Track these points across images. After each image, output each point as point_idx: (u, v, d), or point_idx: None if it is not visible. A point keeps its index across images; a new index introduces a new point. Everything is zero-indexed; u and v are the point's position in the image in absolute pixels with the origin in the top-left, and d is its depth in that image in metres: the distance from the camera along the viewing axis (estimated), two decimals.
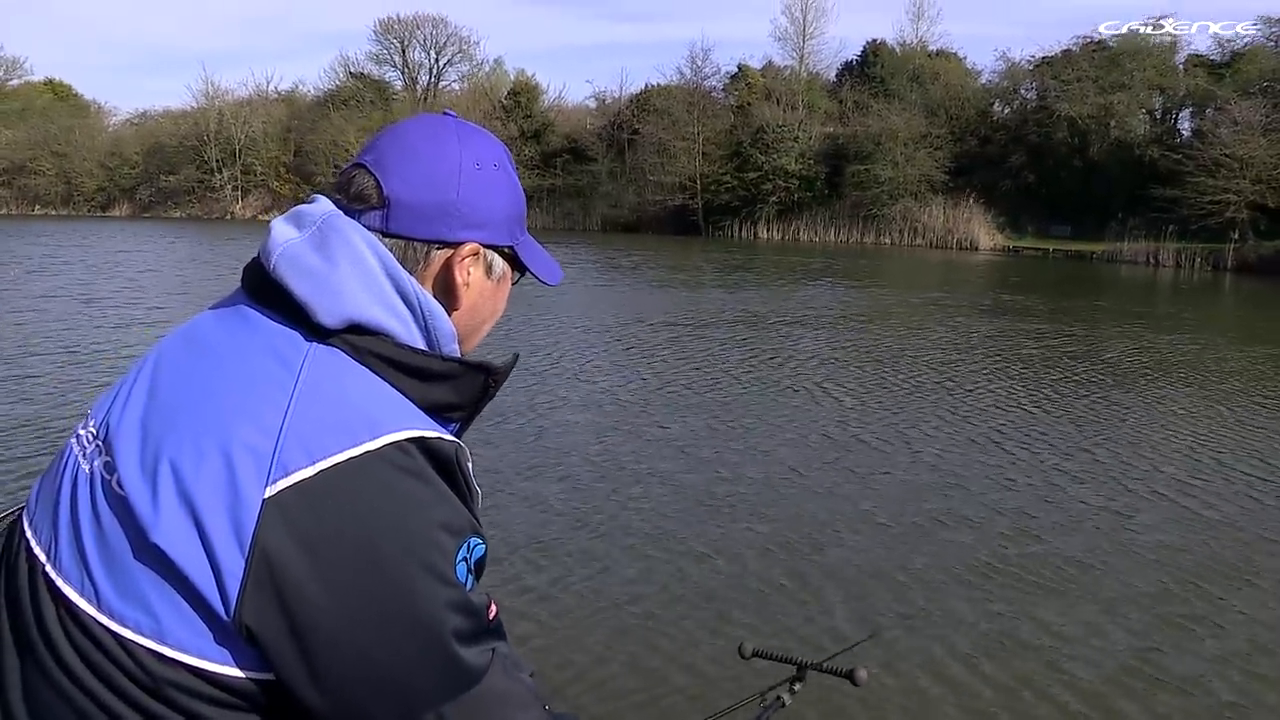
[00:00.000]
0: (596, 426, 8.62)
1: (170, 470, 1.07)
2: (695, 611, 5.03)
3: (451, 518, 1.11)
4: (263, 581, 1.02)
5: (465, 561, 1.12)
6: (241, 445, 1.06)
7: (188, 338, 1.25)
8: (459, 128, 1.30)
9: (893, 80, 51.78)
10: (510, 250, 1.35)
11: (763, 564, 5.64)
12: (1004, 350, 13.83)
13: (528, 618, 4.87)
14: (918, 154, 47.59)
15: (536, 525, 6.14)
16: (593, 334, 14.56)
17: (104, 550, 1.08)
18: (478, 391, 1.28)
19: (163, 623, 1.04)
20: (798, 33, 57.53)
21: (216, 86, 72.18)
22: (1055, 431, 8.83)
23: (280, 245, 1.20)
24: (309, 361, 1.13)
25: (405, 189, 1.22)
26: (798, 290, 22.66)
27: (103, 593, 1.07)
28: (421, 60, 73.37)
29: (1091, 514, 6.62)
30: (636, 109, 57.49)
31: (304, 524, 1.04)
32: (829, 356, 12.77)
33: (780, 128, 51.50)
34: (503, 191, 1.31)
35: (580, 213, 58.15)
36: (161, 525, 1.05)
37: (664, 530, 6.12)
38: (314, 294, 1.16)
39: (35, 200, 69.87)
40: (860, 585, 5.40)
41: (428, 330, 1.23)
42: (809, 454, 7.87)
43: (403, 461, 1.09)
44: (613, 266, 29.00)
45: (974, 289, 25.68)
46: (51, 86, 79.46)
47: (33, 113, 71.50)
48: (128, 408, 1.17)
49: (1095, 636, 4.93)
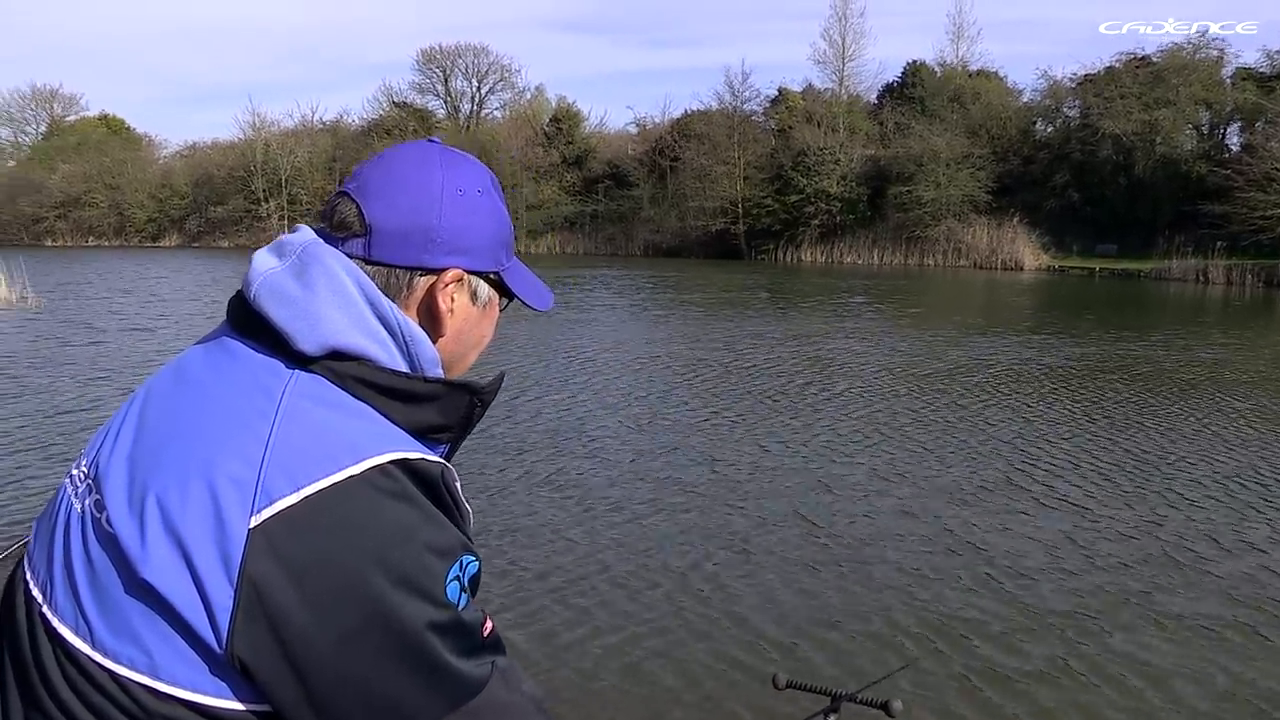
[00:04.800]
0: (617, 450, 8.62)
1: (157, 506, 1.07)
2: (725, 641, 4.98)
3: (439, 538, 1.11)
4: (252, 612, 1.03)
5: (458, 580, 1.12)
6: (225, 477, 1.07)
7: (175, 373, 1.27)
8: (443, 154, 1.30)
9: (933, 101, 51.46)
10: (496, 276, 1.35)
11: (797, 592, 5.59)
12: (1060, 372, 13.63)
13: (552, 644, 4.85)
14: (960, 174, 47.26)
15: (558, 551, 6.13)
16: (625, 358, 14.56)
17: (96, 588, 1.09)
18: (464, 411, 1.28)
19: (156, 658, 1.05)
20: (837, 55, 57.54)
21: (263, 118, 73.50)
22: (1111, 460, 8.68)
23: (260, 275, 1.21)
24: (290, 390, 1.14)
25: (387, 215, 1.23)
26: (841, 313, 22.53)
27: (96, 630, 1.08)
28: (464, 89, 74.20)
29: (1142, 545, 6.48)
30: (677, 134, 57.60)
31: (290, 551, 1.04)
32: (873, 380, 12.65)
33: (821, 150, 51.39)
34: (487, 217, 1.31)
35: (622, 238, 58.32)
36: (150, 561, 1.05)
37: (692, 559, 6.08)
38: (293, 322, 1.16)
39: (89, 231, 71.17)
40: (896, 614, 5.32)
41: (410, 355, 1.24)
42: (839, 478, 7.81)
43: (386, 484, 1.09)
44: (651, 291, 29.05)
45: (1022, 310, 25.39)
46: (106, 121, 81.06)
47: (88, 147, 73.01)
48: (117, 445, 1.19)
49: (1162, 671, 4.82)
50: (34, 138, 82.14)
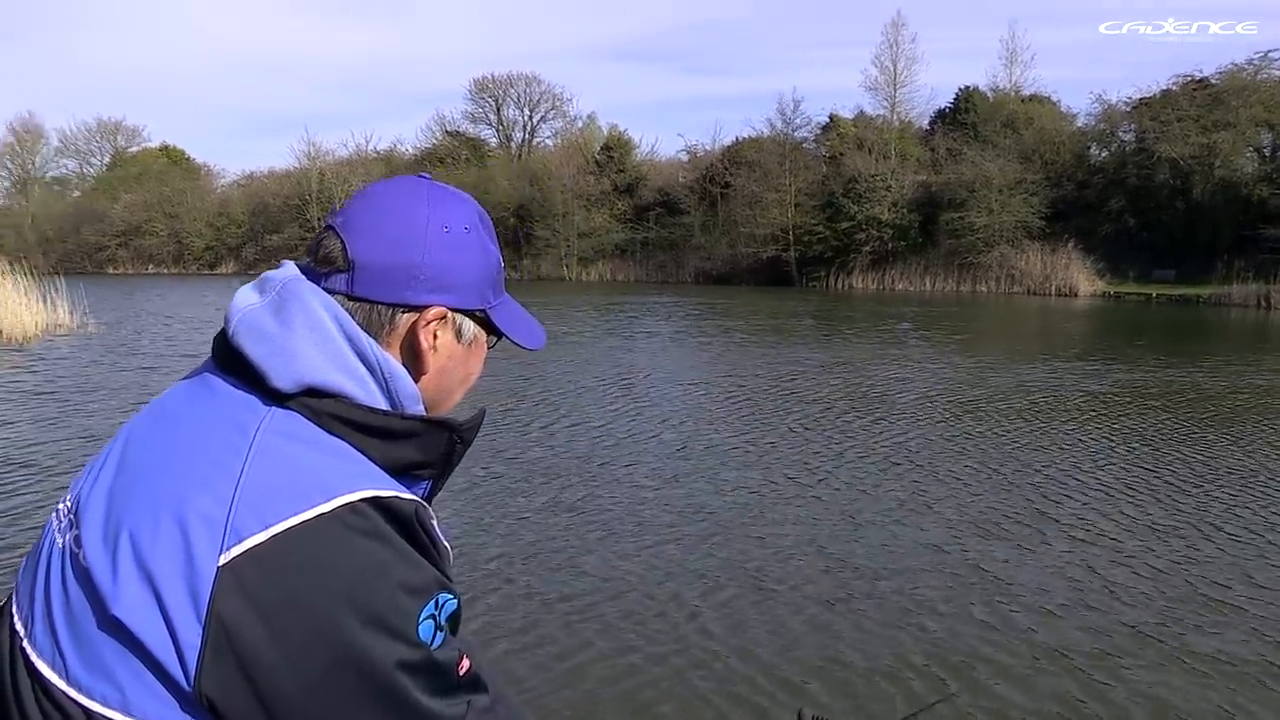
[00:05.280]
0: (643, 476, 8.53)
1: (129, 542, 1.07)
2: (750, 673, 4.87)
3: (412, 577, 1.10)
4: (221, 650, 1.02)
5: (434, 619, 1.11)
6: (196, 514, 1.06)
7: (158, 409, 1.26)
8: (431, 190, 1.29)
9: (985, 126, 51.17)
10: (483, 314, 1.34)
11: (809, 626, 5.46)
12: (1101, 399, 13.34)
13: (572, 672, 4.74)
14: (1013, 200, 46.90)
15: (572, 576, 6.05)
16: (661, 385, 14.49)
17: (71, 623, 1.09)
18: (444, 449, 1.27)
19: (128, 695, 1.04)
20: (889, 82, 57.35)
21: (318, 147, 75.37)
22: (1146, 490, 8.43)
23: (240, 311, 1.21)
24: (264, 427, 1.13)
25: (370, 252, 1.22)
26: (886, 340, 22.34)
27: (70, 666, 1.07)
28: (516, 117, 75.19)
29: (1173, 581, 6.24)
30: (728, 161, 57.80)
31: (258, 590, 1.03)
32: (909, 407, 12.45)
33: (872, 177, 51.26)
34: (473, 255, 1.30)
35: (673, 265, 58.49)
36: (121, 597, 1.05)
37: (716, 585, 5.98)
38: (269, 359, 1.16)
39: (149, 259, 72.66)
40: (912, 650, 5.15)
41: (390, 391, 1.23)
42: (864, 509, 7.66)
43: (357, 523, 1.08)
44: (696, 318, 29.01)
45: (1072, 337, 25.01)
46: (166, 152, 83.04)
47: (149, 177, 74.88)
48: (98, 480, 1.19)
49: None
50: (98, 169, 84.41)
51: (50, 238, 72.85)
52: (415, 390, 1.26)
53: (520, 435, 10.65)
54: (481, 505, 7.53)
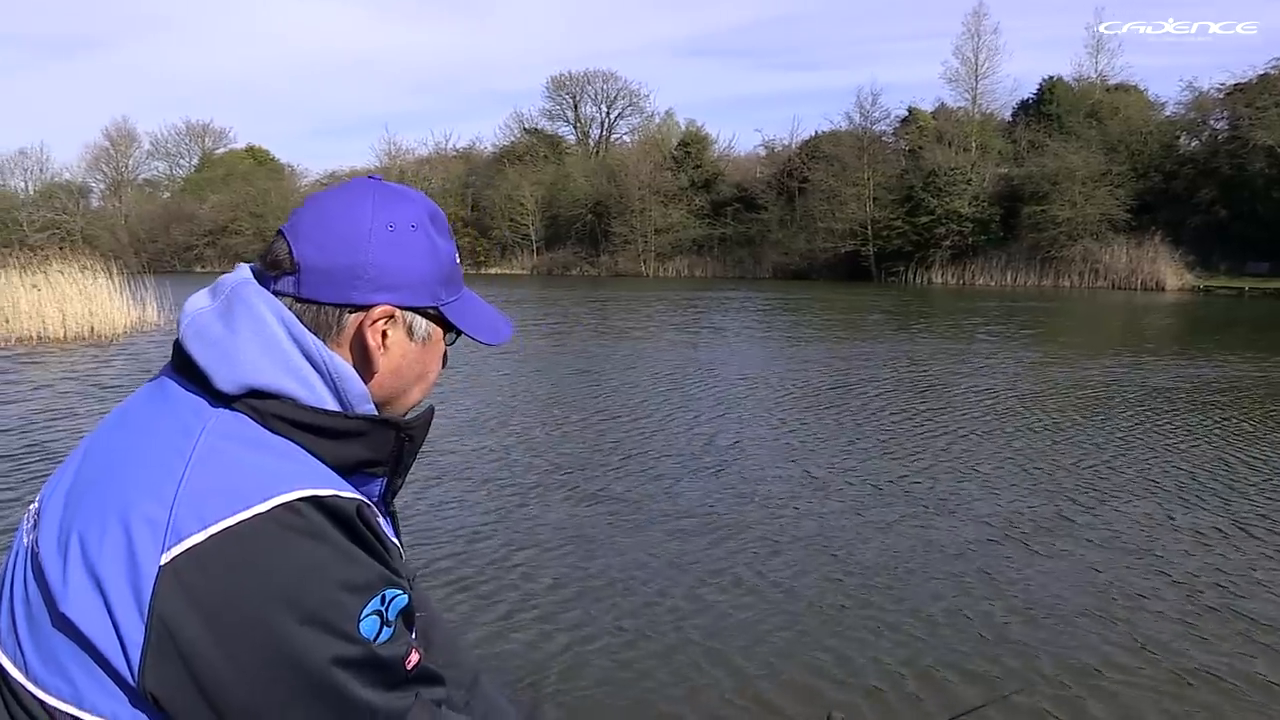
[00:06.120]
0: (677, 470, 8.45)
1: (79, 543, 1.10)
2: (777, 672, 4.79)
3: (353, 575, 1.12)
4: (163, 648, 1.05)
5: (379, 615, 1.13)
6: (140, 516, 1.08)
7: (117, 414, 1.30)
8: (377, 190, 1.30)
9: (1069, 117, 50.03)
10: (436, 311, 1.34)
11: (805, 629, 5.33)
12: (1163, 395, 12.79)
13: (612, 665, 4.69)
14: (1097, 192, 45.82)
15: (587, 563, 5.97)
16: (717, 380, 14.35)
17: (30, 621, 1.12)
18: (393, 446, 1.29)
19: (80, 689, 1.08)
20: (970, 73, 56.31)
21: (398, 146, 76.63)
22: (1193, 491, 8.01)
23: (189, 315, 1.25)
24: (208, 429, 1.15)
25: (315, 253, 1.24)
26: (954, 335, 21.86)
27: (29, 661, 1.11)
28: (593, 114, 75.44)
29: (1204, 594, 5.89)
30: (806, 156, 57.33)
31: (198, 588, 1.05)
32: (957, 401, 12.07)
33: (952, 170, 50.49)
34: (419, 253, 1.30)
35: (750, 261, 58.23)
36: (70, 596, 1.08)
37: (742, 579, 5.85)
38: (213, 362, 1.19)
39: (235, 258, 74.15)
40: (971, 650, 5.02)
41: (339, 391, 1.24)
42: (885, 507, 7.44)
43: (294, 522, 1.10)
44: (766, 313, 28.74)
45: (1148, 331, 24.24)
46: (252, 152, 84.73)
47: (235, 177, 76.41)
48: (59, 483, 1.23)
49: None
50: (187, 170, 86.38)
51: (142, 238, 74.64)
52: (364, 390, 1.27)
53: (555, 428, 10.69)
54: (499, 493, 7.51)
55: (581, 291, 43.43)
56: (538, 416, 11.44)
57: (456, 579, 5.88)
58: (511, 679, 4.56)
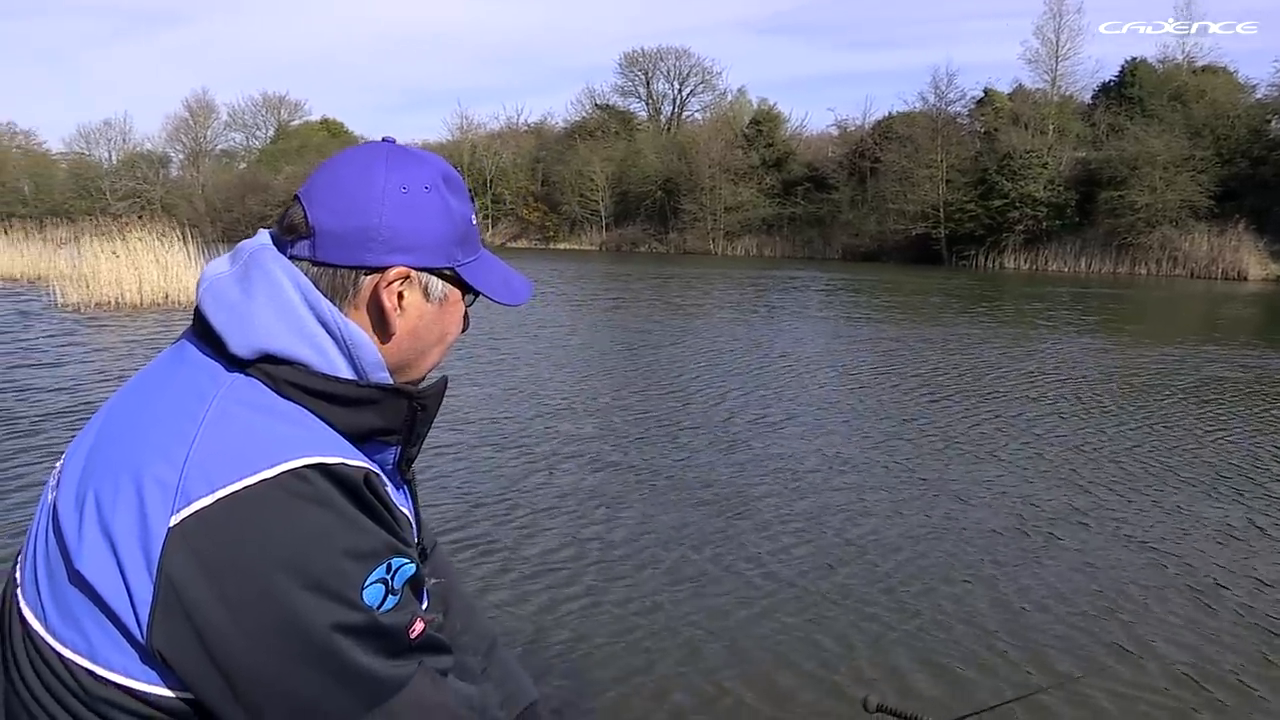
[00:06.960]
0: (699, 446, 8.28)
1: (94, 501, 1.13)
2: (812, 657, 4.66)
3: (358, 542, 1.13)
4: (170, 607, 1.07)
5: (383, 583, 1.14)
6: (152, 478, 1.10)
7: (139, 378, 1.32)
8: (390, 153, 1.31)
9: (1152, 100, 48.60)
10: (451, 272, 1.34)
11: (809, 620, 5.13)
12: (1213, 385, 12.26)
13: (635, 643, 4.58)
14: (1179, 178, 44.51)
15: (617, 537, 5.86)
16: (763, 360, 14.21)
17: (50, 576, 1.16)
18: (405, 415, 1.29)
19: (94, 644, 1.11)
20: (1050, 54, 54.94)
21: (470, 120, 77.24)
22: (1230, 487, 7.56)
23: (208, 280, 1.27)
24: (222, 394, 1.17)
25: (329, 217, 1.25)
26: (1016, 321, 21.27)
27: (49, 615, 1.14)
28: (665, 91, 75.19)
29: (1233, 597, 5.64)
30: (878, 136, 56.58)
31: (205, 551, 1.07)
32: (998, 388, 11.74)
33: (1028, 153, 49.47)
34: (434, 214, 1.30)
35: (820, 241, 57.68)
36: (84, 553, 1.11)
37: (790, 570, 5.69)
38: (228, 326, 1.20)
39: None
40: (1006, 638, 4.84)
41: (353, 359, 1.25)
42: (936, 489, 7.19)
43: (300, 489, 1.11)
44: (828, 294, 28.32)
45: (1220, 321, 23.26)
46: (326, 125, 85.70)
47: (309, 149, 77.28)
48: (81, 443, 1.26)
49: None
50: (263, 141, 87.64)
51: (218, 207, 75.95)
52: (379, 358, 1.27)
53: (591, 399, 10.89)
54: (523, 459, 7.69)
55: (647, 268, 43.48)
56: (576, 386, 11.68)
57: (470, 540, 6.05)
58: (518, 642, 4.59)
